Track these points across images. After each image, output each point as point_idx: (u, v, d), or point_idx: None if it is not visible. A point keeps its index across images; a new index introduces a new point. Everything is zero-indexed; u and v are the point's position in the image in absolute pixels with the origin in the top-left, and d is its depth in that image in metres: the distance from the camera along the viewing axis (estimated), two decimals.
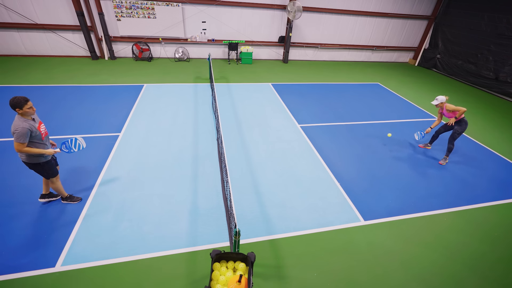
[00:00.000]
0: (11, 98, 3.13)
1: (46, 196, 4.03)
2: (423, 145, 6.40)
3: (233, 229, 2.86)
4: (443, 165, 5.77)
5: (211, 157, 5.40)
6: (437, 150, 6.30)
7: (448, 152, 5.75)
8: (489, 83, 10.83)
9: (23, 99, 3.15)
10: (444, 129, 5.88)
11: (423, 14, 13.16)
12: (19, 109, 3.16)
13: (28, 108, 3.19)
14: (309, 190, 4.75)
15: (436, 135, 6.11)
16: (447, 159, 5.81)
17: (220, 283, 2.74)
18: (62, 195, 4.00)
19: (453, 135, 5.58)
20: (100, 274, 3.16)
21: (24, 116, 3.24)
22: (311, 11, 11.83)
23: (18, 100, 3.13)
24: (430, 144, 6.33)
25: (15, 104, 3.13)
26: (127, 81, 8.79)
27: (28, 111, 3.22)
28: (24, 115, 3.24)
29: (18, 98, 3.13)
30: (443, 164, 5.77)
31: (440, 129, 5.96)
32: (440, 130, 5.97)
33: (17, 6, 9.19)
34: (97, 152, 5.26)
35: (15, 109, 3.15)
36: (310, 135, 6.50)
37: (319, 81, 10.44)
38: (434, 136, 6.16)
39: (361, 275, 3.42)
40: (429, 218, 4.41)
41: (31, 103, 3.25)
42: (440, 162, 5.82)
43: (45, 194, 4.02)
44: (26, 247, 3.38)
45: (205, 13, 10.96)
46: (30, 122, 3.29)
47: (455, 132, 5.55)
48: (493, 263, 3.75)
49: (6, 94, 7.15)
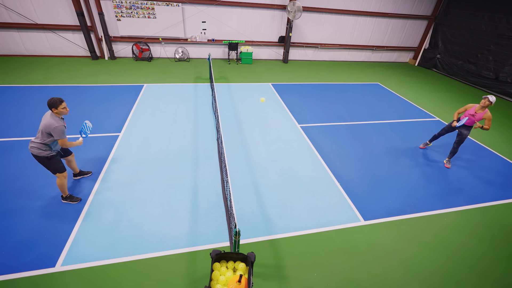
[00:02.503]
0: (49, 99, 3.47)
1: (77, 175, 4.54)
2: (423, 145, 6.39)
3: (233, 229, 2.86)
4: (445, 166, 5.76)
5: (211, 157, 5.40)
6: (436, 152, 6.29)
7: (452, 155, 5.72)
8: (489, 83, 10.83)
9: (58, 100, 3.48)
10: (446, 131, 5.80)
11: (423, 14, 13.16)
12: (54, 109, 3.49)
13: (62, 108, 3.53)
14: (309, 190, 4.75)
15: (437, 135, 6.05)
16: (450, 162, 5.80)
17: (220, 283, 2.74)
18: (63, 193, 4.02)
19: (461, 139, 5.48)
20: (100, 274, 3.16)
21: (57, 115, 3.57)
22: (311, 11, 11.84)
23: (55, 101, 3.46)
24: (430, 142, 6.31)
25: (52, 104, 3.46)
26: (127, 81, 8.79)
27: (62, 111, 3.55)
28: (58, 114, 3.56)
29: (54, 99, 3.46)
30: (449, 167, 5.72)
31: (442, 132, 5.87)
32: (442, 133, 5.90)
33: (17, 6, 9.19)
34: (97, 152, 5.26)
35: (51, 108, 3.49)
36: (310, 135, 6.51)
37: (319, 81, 10.44)
38: (435, 136, 6.12)
39: (361, 275, 3.42)
40: (429, 218, 4.41)
41: (65, 104, 3.58)
42: (446, 165, 5.75)
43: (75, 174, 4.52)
44: (26, 247, 3.38)
45: (205, 13, 10.96)
46: (61, 121, 3.61)
47: (463, 137, 5.45)
48: (493, 263, 3.75)
49: (6, 94, 7.15)
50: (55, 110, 3.49)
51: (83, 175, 4.61)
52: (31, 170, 4.61)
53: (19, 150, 5.07)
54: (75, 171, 4.50)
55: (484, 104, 5.01)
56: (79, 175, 4.57)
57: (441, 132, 5.94)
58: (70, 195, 4.10)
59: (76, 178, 4.56)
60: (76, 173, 4.53)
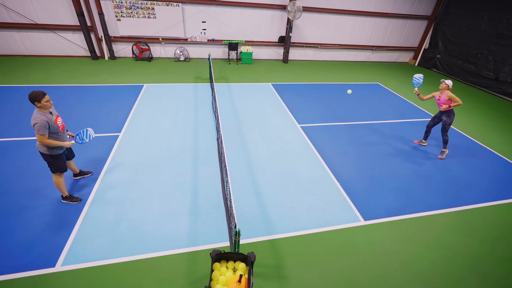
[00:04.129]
0: (30, 93, 3.29)
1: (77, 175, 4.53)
2: (418, 141, 6.50)
3: (233, 229, 2.86)
4: (443, 162, 5.81)
5: (211, 157, 5.40)
6: (436, 151, 6.29)
7: (445, 144, 5.87)
8: (489, 83, 10.83)
9: (40, 93, 3.32)
10: (433, 122, 6.02)
11: (423, 14, 13.16)
12: (37, 103, 3.33)
13: (45, 101, 3.36)
14: (309, 190, 4.75)
15: (428, 130, 6.23)
16: (445, 152, 5.91)
17: (220, 283, 2.74)
18: (62, 192, 4.01)
19: (444, 127, 5.71)
20: (100, 274, 3.16)
21: (42, 109, 3.41)
22: (311, 11, 11.83)
23: (36, 94, 3.30)
24: (424, 140, 6.42)
25: (33, 98, 3.29)
26: (127, 81, 8.79)
27: (45, 104, 3.38)
28: (42, 108, 3.40)
29: (36, 92, 3.31)
30: (442, 158, 5.85)
31: (430, 123, 6.10)
32: (430, 124, 6.11)
33: (17, 6, 9.19)
34: (97, 152, 5.26)
35: (33, 102, 3.32)
36: (310, 135, 6.51)
37: (319, 81, 10.44)
38: (426, 131, 6.29)
39: (361, 275, 3.42)
40: (429, 218, 4.41)
41: (48, 97, 3.42)
42: (438, 156, 5.91)
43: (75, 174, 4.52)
44: (26, 247, 3.38)
45: (205, 13, 10.96)
46: (48, 115, 3.44)
47: (445, 124, 5.68)
48: (493, 263, 3.75)
49: (6, 94, 7.15)
50: (38, 104, 3.33)
51: (83, 175, 4.61)
52: (32, 170, 4.61)
53: (19, 150, 5.07)
54: (75, 172, 4.50)
55: (442, 87, 5.47)
56: (79, 175, 4.56)
57: (428, 125, 6.16)
58: (70, 195, 4.09)
59: (76, 178, 4.55)
60: (76, 173, 4.53)
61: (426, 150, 6.32)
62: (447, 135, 5.79)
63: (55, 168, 3.76)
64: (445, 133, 5.76)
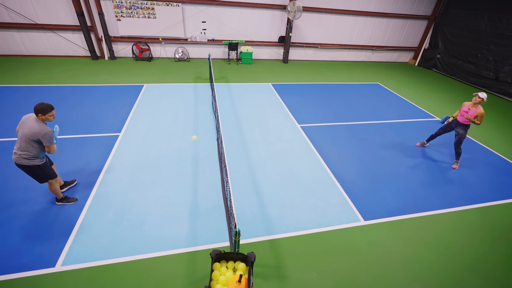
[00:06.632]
0: (39, 103, 3.29)
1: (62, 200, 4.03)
2: (420, 144, 6.43)
3: (233, 229, 2.86)
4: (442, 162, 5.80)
5: (211, 157, 5.40)
6: (436, 152, 6.29)
7: (458, 156, 5.73)
8: (489, 83, 10.83)
9: (49, 107, 3.34)
10: (443, 131, 5.87)
11: (423, 14, 13.16)
12: (41, 115, 3.32)
13: (50, 115, 3.38)
14: (309, 190, 4.75)
15: (435, 135, 6.11)
16: (458, 163, 5.78)
17: (220, 283, 2.74)
18: (57, 196, 3.96)
19: (460, 140, 5.54)
20: (100, 274, 3.16)
21: (43, 121, 3.39)
22: (311, 11, 11.83)
23: (45, 107, 3.30)
24: (426, 142, 6.36)
25: (40, 110, 3.28)
26: (127, 81, 8.79)
27: (49, 118, 3.40)
28: (44, 120, 3.40)
29: (45, 105, 3.31)
30: (456, 168, 5.73)
31: (440, 131, 5.94)
32: (439, 132, 5.96)
33: (17, 6, 9.19)
34: (97, 152, 5.26)
35: (37, 114, 3.31)
36: (310, 135, 6.50)
37: (319, 81, 10.44)
38: (432, 136, 6.18)
39: (361, 275, 3.42)
40: (429, 218, 4.41)
41: (54, 111, 3.43)
42: (453, 166, 5.76)
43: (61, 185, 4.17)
44: (26, 247, 3.38)
45: (205, 13, 10.96)
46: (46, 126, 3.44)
47: (461, 137, 5.51)
48: (493, 263, 3.75)
49: (6, 94, 7.15)
50: (42, 116, 3.31)
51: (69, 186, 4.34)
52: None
53: None
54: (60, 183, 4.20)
55: (476, 101, 5.15)
56: (64, 187, 4.29)
57: (438, 132, 6.00)
58: (65, 197, 4.06)
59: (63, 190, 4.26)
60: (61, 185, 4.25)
61: (426, 150, 6.32)
62: (460, 148, 5.64)
63: (46, 176, 3.66)
64: (459, 146, 5.60)
